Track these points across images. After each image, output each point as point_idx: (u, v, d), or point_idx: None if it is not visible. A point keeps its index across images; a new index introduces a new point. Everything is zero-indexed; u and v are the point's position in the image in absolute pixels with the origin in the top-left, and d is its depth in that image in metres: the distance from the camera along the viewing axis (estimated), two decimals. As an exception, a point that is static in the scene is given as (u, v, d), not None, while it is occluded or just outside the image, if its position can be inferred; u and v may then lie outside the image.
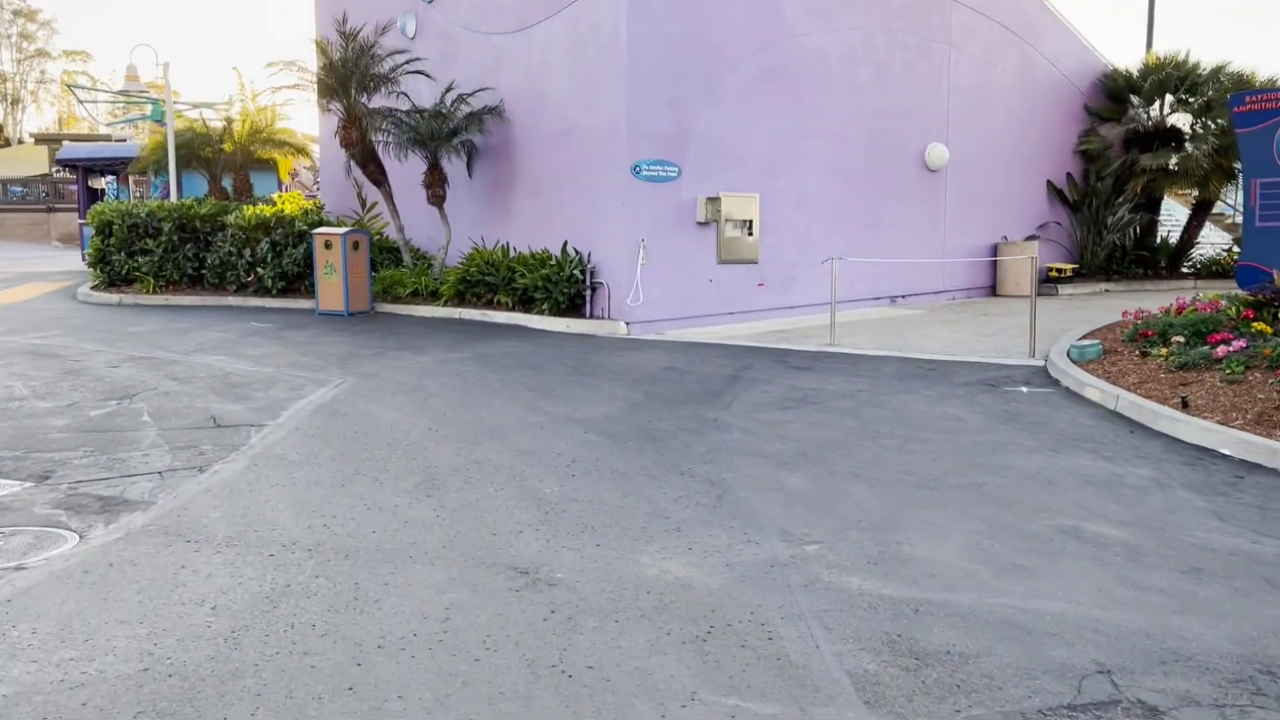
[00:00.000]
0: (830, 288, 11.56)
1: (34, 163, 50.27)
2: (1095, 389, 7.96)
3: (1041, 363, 9.45)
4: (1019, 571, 4.37)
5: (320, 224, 15.59)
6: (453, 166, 14.97)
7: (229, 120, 20.40)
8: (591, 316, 12.74)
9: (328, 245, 14.20)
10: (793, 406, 7.91)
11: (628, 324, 12.32)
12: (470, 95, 14.70)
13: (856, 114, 14.18)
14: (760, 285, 13.26)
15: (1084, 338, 10.03)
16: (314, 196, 21.96)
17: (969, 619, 3.86)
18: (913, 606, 3.97)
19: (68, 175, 45.86)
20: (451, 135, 14.29)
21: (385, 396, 8.41)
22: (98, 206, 16.70)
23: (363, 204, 16.68)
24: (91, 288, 16.37)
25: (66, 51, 76.40)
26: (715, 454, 6.44)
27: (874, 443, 6.73)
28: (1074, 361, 8.96)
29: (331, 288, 14.21)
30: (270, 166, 22.77)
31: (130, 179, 28.09)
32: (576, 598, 4.09)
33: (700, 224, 12.77)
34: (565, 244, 13.02)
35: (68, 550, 4.71)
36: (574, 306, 12.92)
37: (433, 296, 14.61)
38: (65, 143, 32.02)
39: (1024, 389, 8.45)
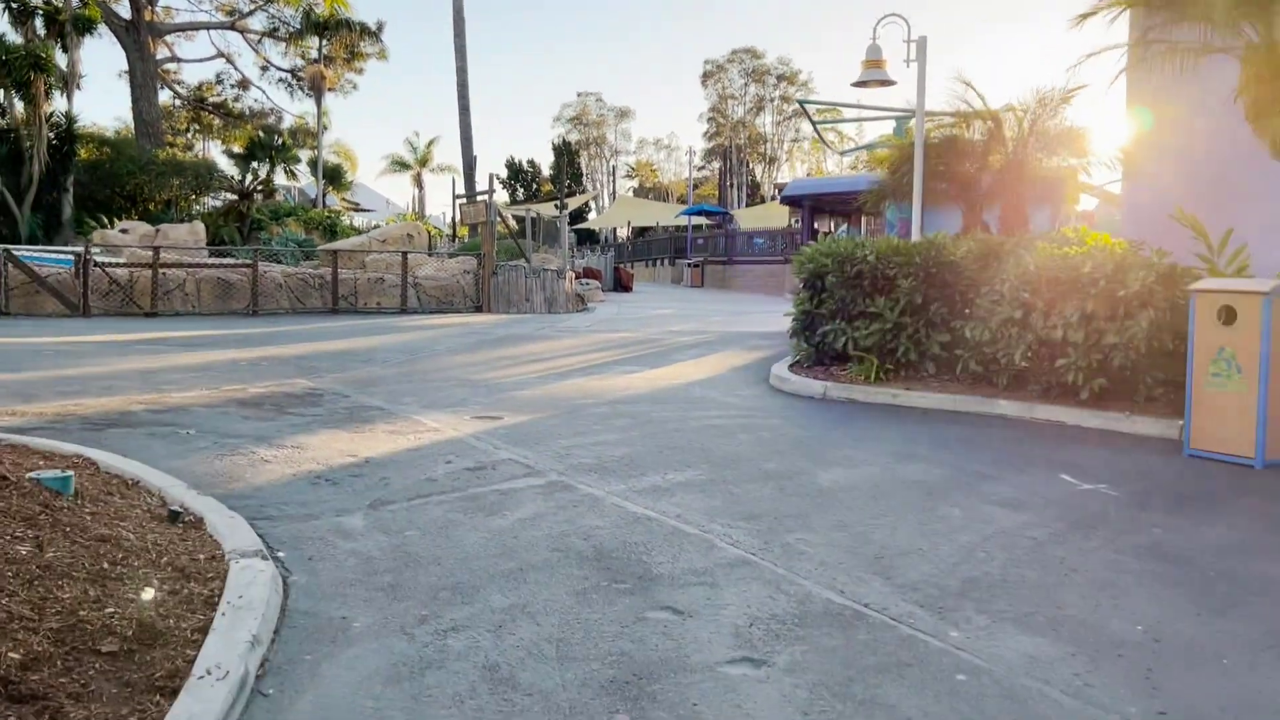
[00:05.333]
0: None
1: (779, 216, 50.80)
2: None
3: None
4: None
5: (1175, 275, 8.18)
6: None
7: (995, 121, 13.96)
8: None
9: (1226, 316, 6.76)
10: None
11: None
12: None
13: None
14: None
15: None
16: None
17: None
18: None
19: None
20: None
21: None
22: (806, 250, 11.46)
23: (1206, 242, 8.79)
24: (790, 365, 11.11)
25: (819, 109, 79.85)
26: None
27: None
28: None
29: (1228, 403, 6.70)
30: (1048, 193, 15.90)
31: (862, 220, 23.68)
32: None
33: None
34: None
35: None
36: None
37: None
38: (791, 181, 28.98)
39: None
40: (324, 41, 44.22)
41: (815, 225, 20.62)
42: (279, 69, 48.52)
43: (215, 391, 8.88)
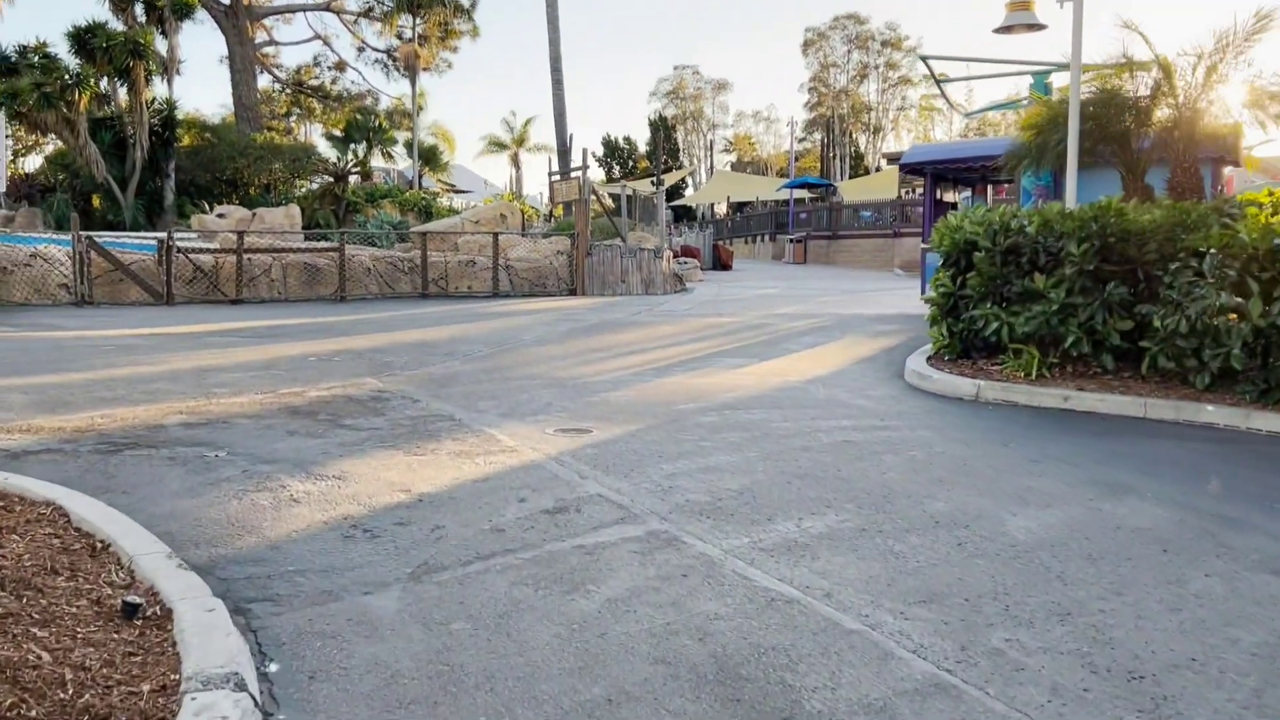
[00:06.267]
0: None
1: (886, 187, 48.49)
2: None
3: None
4: None
5: None
6: None
7: (1165, 69, 11.96)
8: None
9: None
10: None
11: None
12: None
13: None
14: None
15: None
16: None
17: None
18: None
19: (915, 197, 42.44)
20: None
21: None
22: (949, 220, 9.83)
23: None
24: (929, 359, 9.53)
25: (926, 76, 76.29)
26: None
27: None
28: None
29: None
30: (1210, 152, 13.81)
31: (988, 189, 21.61)
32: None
33: None
34: None
35: None
36: None
37: None
38: (911, 146, 26.94)
39: None
40: (417, 20, 43.60)
41: (939, 195, 18.72)
42: (374, 50, 48.25)
43: (269, 396, 7.81)
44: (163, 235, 17.83)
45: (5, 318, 14.14)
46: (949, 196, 19.98)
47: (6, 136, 51.12)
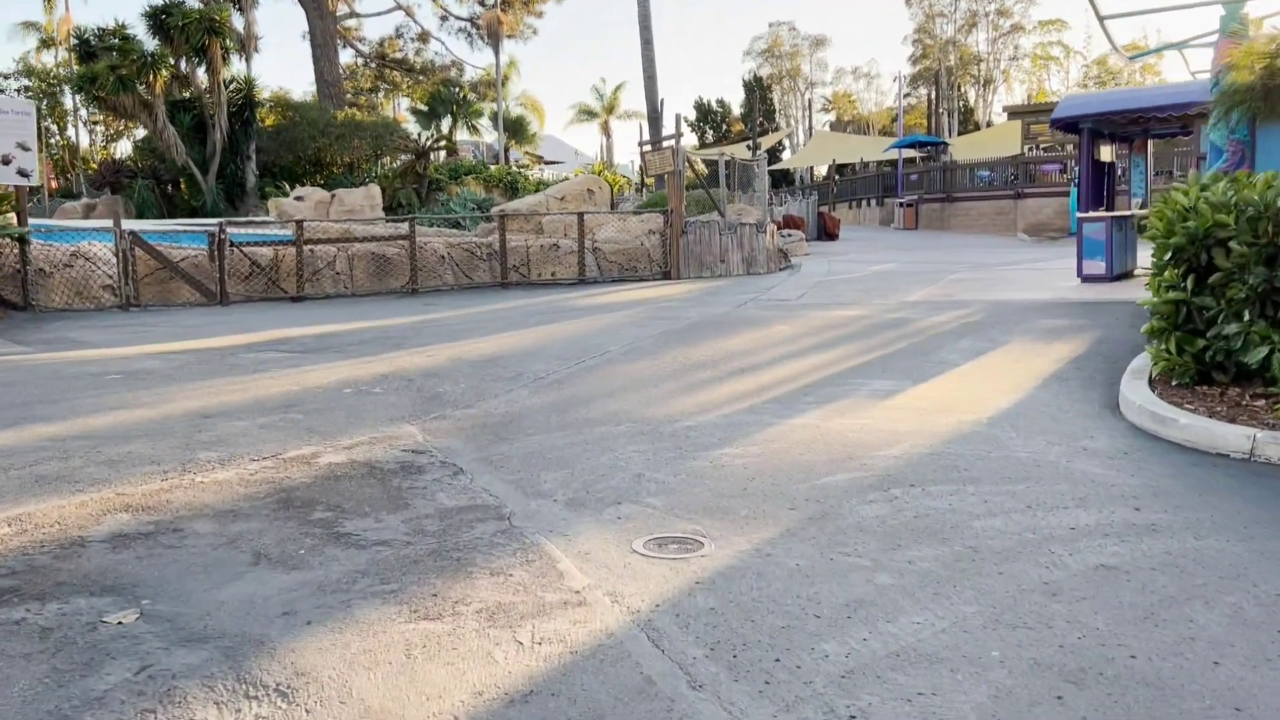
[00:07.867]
0: None
1: (1003, 143, 44.78)
2: None
3: None
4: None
5: None
6: None
7: None
8: None
9: None
10: None
11: None
12: None
13: None
14: None
15: None
16: None
17: None
18: None
19: (1039, 154, 38.79)
20: None
21: None
22: (1173, 200, 7.24)
23: None
24: (1153, 383, 7.03)
25: (1041, 22, 71.18)
26: None
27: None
28: None
29: None
30: None
31: (1148, 147, 18.51)
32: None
33: None
34: None
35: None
36: None
37: None
38: (1065, 98, 23.85)
39: None
40: (499, -17, 41.65)
41: (1096, 155, 15.82)
42: (457, 18, 46.63)
43: (267, 465, 5.83)
44: (214, 228, 16.18)
45: (30, 330, 12.64)
46: (1103, 155, 17.03)
47: (96, 116, 50.98)
